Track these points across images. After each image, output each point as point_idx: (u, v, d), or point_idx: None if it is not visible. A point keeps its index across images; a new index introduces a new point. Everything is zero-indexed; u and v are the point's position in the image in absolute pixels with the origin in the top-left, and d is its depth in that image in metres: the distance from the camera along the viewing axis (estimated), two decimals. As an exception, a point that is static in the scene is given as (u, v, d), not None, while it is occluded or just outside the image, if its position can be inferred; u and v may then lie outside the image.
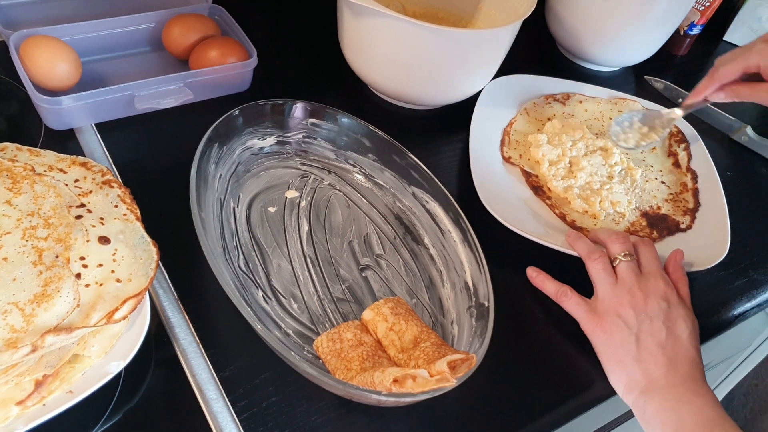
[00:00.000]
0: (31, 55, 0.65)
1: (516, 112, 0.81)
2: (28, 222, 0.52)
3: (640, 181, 0.76)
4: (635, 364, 0.56)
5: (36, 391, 0.46)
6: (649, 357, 0.56)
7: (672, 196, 0.76)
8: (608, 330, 0.58)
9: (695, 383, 0.55)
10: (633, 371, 0.56)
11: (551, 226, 0.69)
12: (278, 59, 0.83)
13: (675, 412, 0.53)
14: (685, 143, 0.81)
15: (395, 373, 0.46)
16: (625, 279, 0.60)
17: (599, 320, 0.59)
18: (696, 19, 0.98)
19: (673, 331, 0.58)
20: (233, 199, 0.64)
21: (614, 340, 0.58)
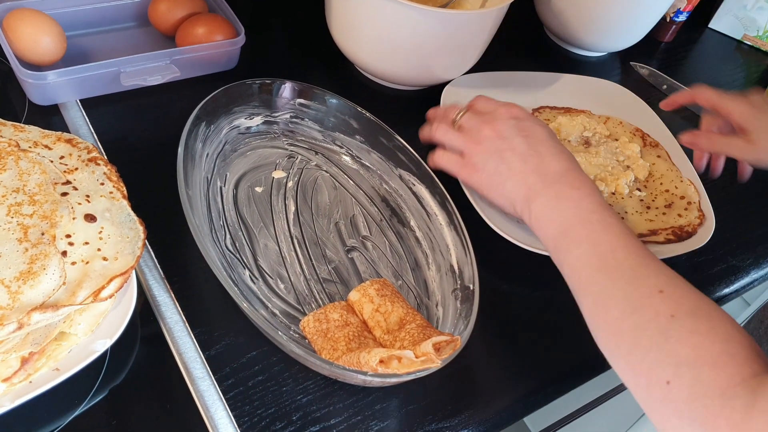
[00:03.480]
0: (14, 28, 0.64)
1: None
2: (13, 198, 0.51)
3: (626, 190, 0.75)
4: (511, 182, 0.58)
5: (22, 368, 0.46)
6: (519, 168, 0.58)
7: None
8: (479, 167, 0.61)
9: (570, 175, 0.57)
10: (512, 189, 0.58)
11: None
12: (266, 37, 0.82)
13: (555, 210, 0.55)
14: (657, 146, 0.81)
15: (381, 354, 0.47)
16: (470, 124, 0.63)
17: (469, 164, 0.62)
18: (682, 6, 0.99)
19: (530, 138, 0.59)
20: (220, 179, 0.64)
21: (486, 171, 0.60)
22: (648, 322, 0.46)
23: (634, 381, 0.46)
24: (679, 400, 0.42)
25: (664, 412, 0.43)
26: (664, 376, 0.43)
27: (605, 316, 0.48)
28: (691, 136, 0.73)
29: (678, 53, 1.04)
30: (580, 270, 0.52)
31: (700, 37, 1.09)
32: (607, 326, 0.48)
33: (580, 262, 0.52)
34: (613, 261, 0.50)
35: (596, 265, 0.50)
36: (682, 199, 0.74)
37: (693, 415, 0.41)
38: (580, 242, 0.52)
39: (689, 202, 0.73)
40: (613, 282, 0.49)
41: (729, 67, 1.05)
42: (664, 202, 0.74)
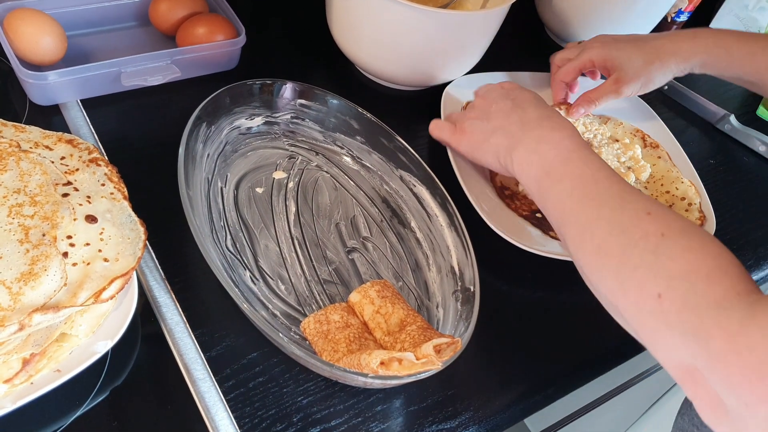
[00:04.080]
0: (15, 28, 0.64)
1: None
2: (14, 199, 0.51)
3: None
4: (495, 136, 0.60)
5: (23, 370, 0.46)
6: (502, 123, 0.60)
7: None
8: (467, 131, 0.64)
9: (549, 120, 0.58)
10: (496, 142, 0.60)
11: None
12: (266, 37, 0.82)
13: (536, 153, 0.56)
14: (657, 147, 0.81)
15: (382, 356, 0.47)
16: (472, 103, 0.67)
17: (459, 130, 0.65)
18: (684, 6, 0.99)
19: (516, 99, 0.62)
20: (221, 179, 0.64)
21: (473, 133, 0.63)
22: (637, 240, 0.45)
23: (623, 299, 0.45)
24: (671, 311, 0.41)
25: (655, 325, 0.42)
26: (656, 290, 0.42)
27: (591, 240, 0.48)
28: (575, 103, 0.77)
29: (679, 53, 1.04)
30: (563, 202, 0.52)
31: (701, 37, 1.09)
32: (594, 250, 0.48)
33: (564, 194, 0.52)
34: (596, 190, 0.50)
35: (580, 195, 0.51)
36: (683, 200, 0.74)
37: (686, 326, 0.40)
38: (562, 178, 0.53)
39: (690, 204, 0.73)
40: (598, 208, 0.49)
41: (730, 67, 1.05)
42: (665, 204, 0.74)
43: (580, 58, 0.76)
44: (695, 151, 0.84)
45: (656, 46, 0.74)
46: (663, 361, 0.43)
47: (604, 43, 0.75)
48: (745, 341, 0.37)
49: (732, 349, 0.37)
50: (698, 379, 0.39)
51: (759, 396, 0.35)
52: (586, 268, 0.49)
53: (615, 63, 0.74)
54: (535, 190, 0.55)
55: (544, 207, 0.54)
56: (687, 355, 0.40)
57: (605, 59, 0.75)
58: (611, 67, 0.75)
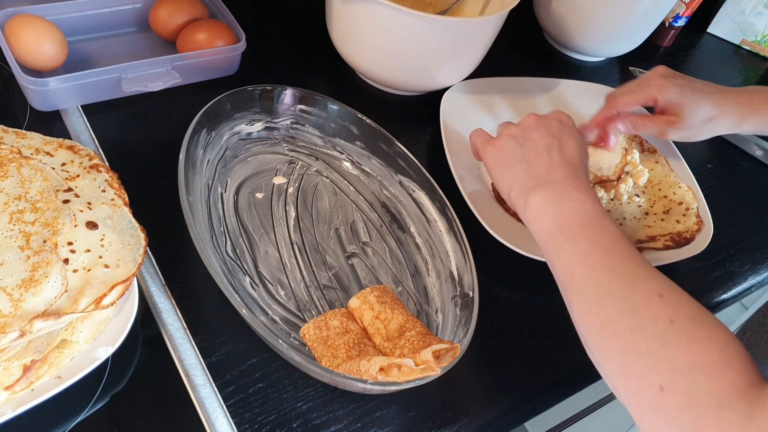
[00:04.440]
0: (16, 34, 0.64)
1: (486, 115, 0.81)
2: (15, 206, 0.52)
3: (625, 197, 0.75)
4: (520, 165, 0.58)
5: (24, 376, 0.46)
6: (532, 158, 0.58)
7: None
8: (498, 146, 0.61)
9: (578, 180, 0.56)
10: (516, 174, 0.58)
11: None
12: (266, 42, 0.83)
13: (556, 205, 0.54)
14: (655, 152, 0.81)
15: (381, 362, 0.47)
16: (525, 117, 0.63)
17: (492, 141, 0.62)
18: (681, 11, 0.99)
19: (560, 140, 0.59)
20: (221, 185, 0.64)
21: (503, 151, 0.60)
22: (646, 324, 0.44)
23: (624, 384, 0.44)
24: (671, 407, 0.41)
25: (654, 418, 0.42)
26: (658, 381, 0.42)
27: (598, 314, 0.47)
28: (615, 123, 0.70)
29: (677, 58, 1.04)
30: (574, 266, 0.50)
31: (699, 41, 1.09)
32: (600, 325, 0.47)
33: (576, 258, 0.50)
34: (611, 262, 0.49)
35: (593, 263, 0.49)
36: (680, 205, 0.74)
37: (685, 424, 0.40)
38: (578, 240, 0.51)
39: (687, 208, 0.74)
40: (609, 281, 0.48)
41: (727, 71, 1.06)
42: (663, 208, 0.74)
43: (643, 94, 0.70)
44: (693, 155, 0.85)
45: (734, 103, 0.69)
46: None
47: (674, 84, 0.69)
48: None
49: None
50: None
51: None
52: (590, 342, 0.48)
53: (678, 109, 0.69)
54: (545, 241, 0.53)
55: (552, 263, 0.53)
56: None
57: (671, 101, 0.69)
58: (672, 110, 0.70)
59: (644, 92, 0.70)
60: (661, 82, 0.70)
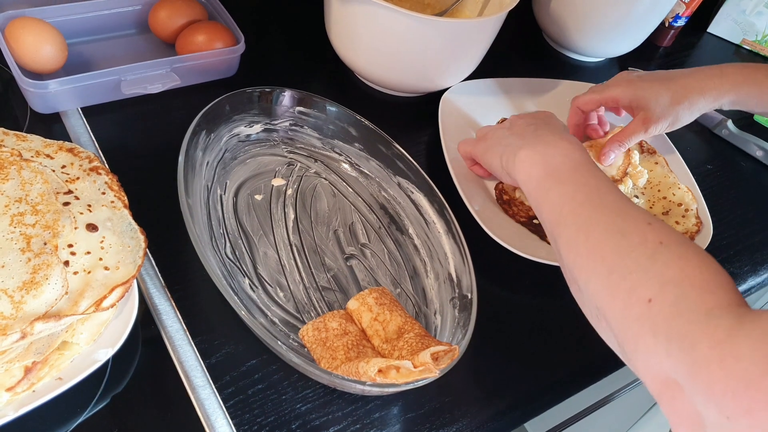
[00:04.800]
0: (16, 37, 0.65)
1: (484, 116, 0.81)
2: (15, 208, 0.52)
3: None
4: (508, 138, 0.62)
5: (25, 378, 0.46)
6: (519, 131, 0.62)
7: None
8: (488, 137, 0.65)
9: (564, 134, 0.58)
10: (507, 143, 0.61)
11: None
12: (265, 44, 0.83)
13: (542, 154, 0.56)
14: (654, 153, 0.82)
15: (380, 364, 0.48)
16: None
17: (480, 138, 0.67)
18: (681, 11, 0.99)
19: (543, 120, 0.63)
20: (220, 187, 0.64)
21: (492, 139, 0.64)
22: (635, 246, 0.45)
23: (610, 301, 0.44)
24: (659, 317, 0.41)
25: (640, 330, 0.42)
26: (647, 294, 0.42)
27: (586, 242, 0.48)
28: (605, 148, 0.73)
29: (677, 58, 1.05)
30: (562, 205, 0.51)
31: (699, 41, 1.10)
32: (587, 251, 0.47)
33: (566, 197, 0.51)
34: (598, 198, 0.50)
35: (581, 200, 0.50)
36: (680, 206, 0.74)
37: (672, 333, 0.40)
38: (566, 181, 0.53)
39: (687, 210, 0.74)
40: (598, 213, 0.49)
41: (727, 71, 1.05)
42: (662, 209, 0.74)
43: (603, 94, 0.74)
44: (693, 156, 0.85)
45: (684, 85, 0.72)
46: (642, 372, 0.42)
47: (629, 81, 0.73)
48: (732, 350, 0.36)
49: (717, 356, 0.37)
50: (677, 393, 0.39)
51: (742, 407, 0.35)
52: (575, 270, 0.48)
53: (641, 102, 0.72)
54: (533, 189, 0.55)
55: (540, 206, 0.54)
56: (669, 365, 0.39)
57: (631, 98, 0.72)
58: (637, 106, 0.72)
59: (603, 92, 0.75)
60: (616, 81, 0.75)
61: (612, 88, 0.74)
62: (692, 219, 0.73)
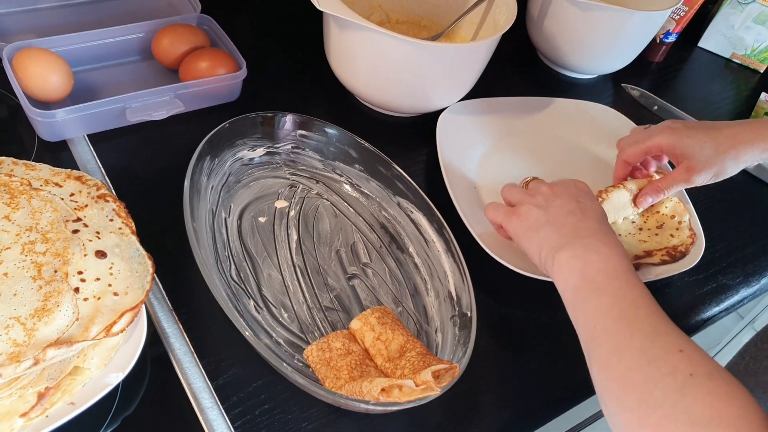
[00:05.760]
0: (24, 67, 0.67)
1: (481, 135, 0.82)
2: (26, 237, 0.53)
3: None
4: (547, 227, 0.59)
5: (39, 403, 0.48)
6: (560, 219, 0.59)
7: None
8: (523, 215, 0.62)
9: (605, 236, 0.57)
10: (545, 235, 0.59)
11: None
12: (266, 69, 0.84)
13: (581, 260, 0.55)
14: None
15: (382, 383, 0.49)
16: (534, 184, 0.65)
17: (515, 211, 0.63)
18: (672, 28, 1.01)
19: (581, 203, 0.61)
20: (224, 210, 0.66)
21: (528, 219, 0.61)
22: (664, 376, 0.44)
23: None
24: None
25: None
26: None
27: (618, 366, 0.47)
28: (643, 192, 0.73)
29: (669, 72, 1.07)
30: (597, 319, 0.51)
31: (690, 55, 1.12)
32: (618, 377, 0.47)
33: (600, 311, 0.51)
34: (634, 316, 0.49)
35: (616, 317, 0.50)
36: (673, 218, 0.76)
37: None
38: (603, 293, 0.52)
39: (680, 222, 0.75)
40: (631, 334, 0.48)
41: (719, 84, 1.08)
42: (656, 223, 0.76)
43: (646, 143, 0.73)
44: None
45: (729, 135, 0.71)
46: None
47: (674, 130, 0.72)
48: None
49: None
50: None
51: None
52: (606, 395, 0.48)
53: (686, 151, 0.70)
54: (570, 297, 0.54)
55: (576, 317, 0.53)
56: None
57: (675, 146, 0.71)
58: (681, 155, 0.71)
59: (647, 141, 0.73)
60: (660, 128, 0.73)
61: (657, 136, 0.73)
62: (686, 231, 0.74)
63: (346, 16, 0.68)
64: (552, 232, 0.58)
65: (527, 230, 0.61)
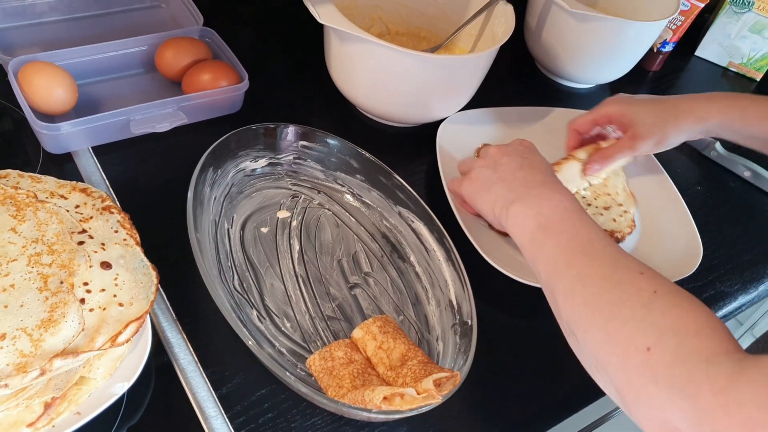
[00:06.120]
0: (29, 81, 0.67)
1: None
2: (32, 249, 0.54)
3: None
4: (497, 186, 0.62)
5: (45, 413, 0.48)
6: (507, 176, 0.62)
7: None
8: (473, 177, 0.65)
9: (553, 185, 0.60)
10: (497, 192, 0.61)
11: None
12: (268, 80, 0.85)
13: (535, 208, 0.57)
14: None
15: (384, 392, 0.50)
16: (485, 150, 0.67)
17: (467, 177, 0.66)
18: (668, 37, 1.02)
19: (528, 159, 0.63)
20: (227, 221, 0.67)
21: (479, 180, 0.64)
22: (630, 295, 0.46)
23: (610, 351, 0.45)
24: (660, 365, 0.41)
25: (641, 379, 0.42)
26: (645, 343, 0.43)
27: (582, 292, 0.49)
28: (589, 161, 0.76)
29: (666, 81, 1.08)
30: (557, 256, 0.53)
31: (687, 64, 1.13)
32: (583, 302, 0.49)
33: (558, 249, 0.53)
34: (591, 248, 0.52)
35: (574, 251, 0.52)
36: (620, 206, 0.78)
37: (674, 380, 0.40)
38: (559, 233, 0.54)
39: (625, 211, 0.78)
40: (591, 264, 0.50)
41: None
42: (603, 204, 0.78)
43: (596, 111, 0.77)
44: (683, 177, 0.87)
45: (673, 105, 0.75)
46: (643, 421, 0.43)
47: (621, 100, 0.77)
48: (735, 396, 0.37)
49: (720, 403, 0.38)
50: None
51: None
52: (572, 323, 0.49)
53: (631, 118, 0.75)
54: (527, 243, 0.56)
55: (535, 260, 0.55)
56: (672, 413, 0.40)
57: (621, 114, 0.75)
58: (627, 122, 0.75)
59: (597, 111, 0.78)
60: (609, 100, 0.78)
61: (605, 106, 0.77)
62: (628, 220, 0.76)
63: (347, 29, 0.69)
64: (503, 188, 0.61)
65: (480, 191, 0.64)
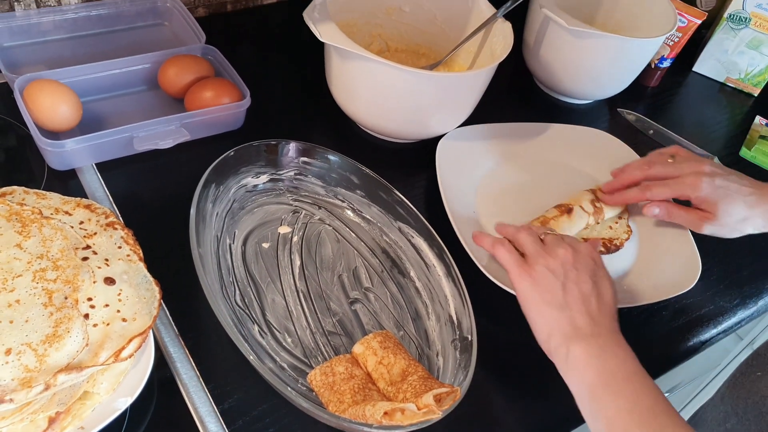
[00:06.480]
0: (34, 98, 0.68)
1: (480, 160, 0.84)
2: (37, 264, 0.55)
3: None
4: (560, 311, 0.58)
5: (49, 428, 0.49)
6: (574, 305, 0.58)
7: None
8: (535, 277, 0.60)
9: (617, 336, 0.57)
10: (558, 318, 0.58)
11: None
12: (270, 98, 0.86)
13: (599, 359, 0.55)
14: None
15: (385, 407, 0.50)
16: (551, 239, 0.64)
17: (528, 268, 0.61)
18: (666, 53, 1.03)
19: (598, 286, 0.60)
20: (229, 236, 0.67)
21: (540, 285, 0.60)
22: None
23: None
24: None
25: None
26: None
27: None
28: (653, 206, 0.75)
29: (664, 97, 1.08)
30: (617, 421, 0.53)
31: (685, 80, 1.13)
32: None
33: (620, 415, 0.53)
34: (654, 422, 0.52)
35: (636, 422, 0.52)
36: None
37: None
38: (621, 396, 0.53)
39: (620, 217, 0.79)
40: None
41: (713, 108, 1.09)
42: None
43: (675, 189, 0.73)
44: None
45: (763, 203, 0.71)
46: None
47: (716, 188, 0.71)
48: None
49: None
50: None
51: None
52: None
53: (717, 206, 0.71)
54: (586, 394, 0.55)
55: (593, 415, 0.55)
56: None
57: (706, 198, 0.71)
58: (707, 207, 0.72)
59: (678, 189, 0.73)
60: (694, 180, 0.72)
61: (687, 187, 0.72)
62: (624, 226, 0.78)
63: (347, 47, 0.70)
64: (566, 319, 0.58)
65: (540, 302, 0.59)
